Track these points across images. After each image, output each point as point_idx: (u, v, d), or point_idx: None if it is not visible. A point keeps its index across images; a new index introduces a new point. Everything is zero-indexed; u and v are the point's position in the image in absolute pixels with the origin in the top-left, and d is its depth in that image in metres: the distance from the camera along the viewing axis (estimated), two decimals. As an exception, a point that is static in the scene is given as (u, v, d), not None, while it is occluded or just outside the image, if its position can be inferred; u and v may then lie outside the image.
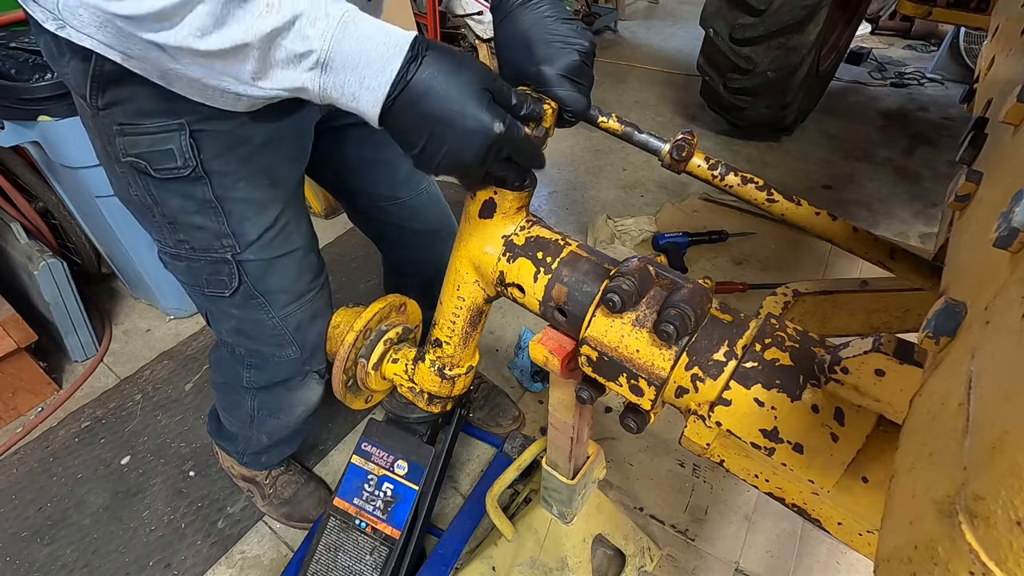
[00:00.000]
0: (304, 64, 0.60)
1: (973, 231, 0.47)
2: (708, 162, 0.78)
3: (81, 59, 0.73)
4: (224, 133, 0.83)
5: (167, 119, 0.79)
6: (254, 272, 0.97)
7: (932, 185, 2.75)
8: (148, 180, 0.84)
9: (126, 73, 0.73)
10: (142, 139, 0.80)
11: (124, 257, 1.85)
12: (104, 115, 0.79)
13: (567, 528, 1.16)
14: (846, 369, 0.54)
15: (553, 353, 0.76)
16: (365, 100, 0.62)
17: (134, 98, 0.77)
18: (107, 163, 0.86)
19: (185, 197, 0.86)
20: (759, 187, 0.76)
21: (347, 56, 0.60)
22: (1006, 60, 0.75)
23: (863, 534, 0.63)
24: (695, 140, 0.77)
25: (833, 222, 0.75)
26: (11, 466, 1.58)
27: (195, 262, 0.94)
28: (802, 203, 0.76)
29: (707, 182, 0.78)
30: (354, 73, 0.60)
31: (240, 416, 1.24)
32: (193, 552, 1.41)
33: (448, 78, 0.61)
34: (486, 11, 3.39)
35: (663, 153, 0.78)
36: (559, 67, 0.69)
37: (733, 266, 2.27)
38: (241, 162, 0.87)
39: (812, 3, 2.37)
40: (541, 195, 2.66)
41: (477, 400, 1.65)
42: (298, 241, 1.01)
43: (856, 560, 1.38)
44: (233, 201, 0.89)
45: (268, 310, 1.01)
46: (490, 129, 0.61)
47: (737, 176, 0.77)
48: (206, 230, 0.90)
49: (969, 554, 0.23)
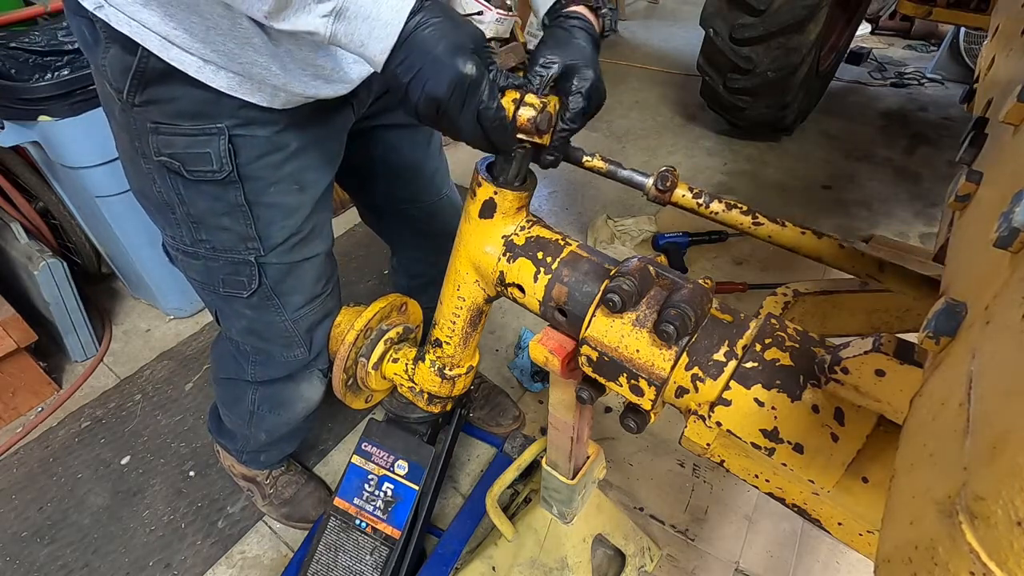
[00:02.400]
0: (320, 9, 0.62)
1: (973, 231, 0.47)
2: (692, 191, 0.79)
3: (123, 50, 0.74)
4: (262, 139, 0.84)
5: (207, 123, 0.79)
6: (274, 275, 0.97)
7: (932, 185, 2.74)
8: (178, 180, 0.84)
9: (169, 72, 0.74)
10: (178, 140, 0.80)
11: (124, 257, 1.85)
12: (139, 112, 0.79)
13: (567, 528, 1.16)
14: (846, 369, 0.54)
15: (553, 353, 0.76)
16: (373, 48, 0.65)
17: (175, 99, 0.77)
18: (130, 157, 0.86)
19: (215, 199, 0.86)
20: (743, 212, 0.77)
21: (360, 7, 0.62)
22: (1006, 60, 0.75)
23: (863, 534, 0.63)
24: (676, 172, 0.79)
25: (819, 240, 0.76)
26: (11, 466, 1.58)
27: (213, 261, 0.94)
28: (787, 225, 0.76)
29: (692, 211, 0.79)
30: (365, 23, 0.63)
31: (240, 412, 1.24)
32: (193, 552, 1.41)
33: (444, 30, 0.65)
34: (486, 11, 3.39)
35: (647, 187, 0.80)
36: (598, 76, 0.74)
37: (733, 266, 2.27)
38: (275, 168, 0.87)
39: (812, 3, 2.37)
40: (541, 195, 2.66)
41: (478, 400, 1.66)
42: (320, 247, 1.02)
43: (856, 560, 1.38)
44: (263, 206, 0.89)
45: (282, 312, 1.02)
46: (461, 68, 0.65)
47: (721, 203, 0.78)
48: (232, 232, 0.90)
49: (969, 554, 0.23)
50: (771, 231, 0.76)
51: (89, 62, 0.81)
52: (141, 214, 1.68)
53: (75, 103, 1.46)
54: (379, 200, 1.26)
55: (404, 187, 1.21)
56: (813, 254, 0.76)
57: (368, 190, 1.24)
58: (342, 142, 1.00)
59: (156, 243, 1.75)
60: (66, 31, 1.51)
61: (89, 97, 1.47)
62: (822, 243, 0.75)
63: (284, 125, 0.85)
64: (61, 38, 1.50)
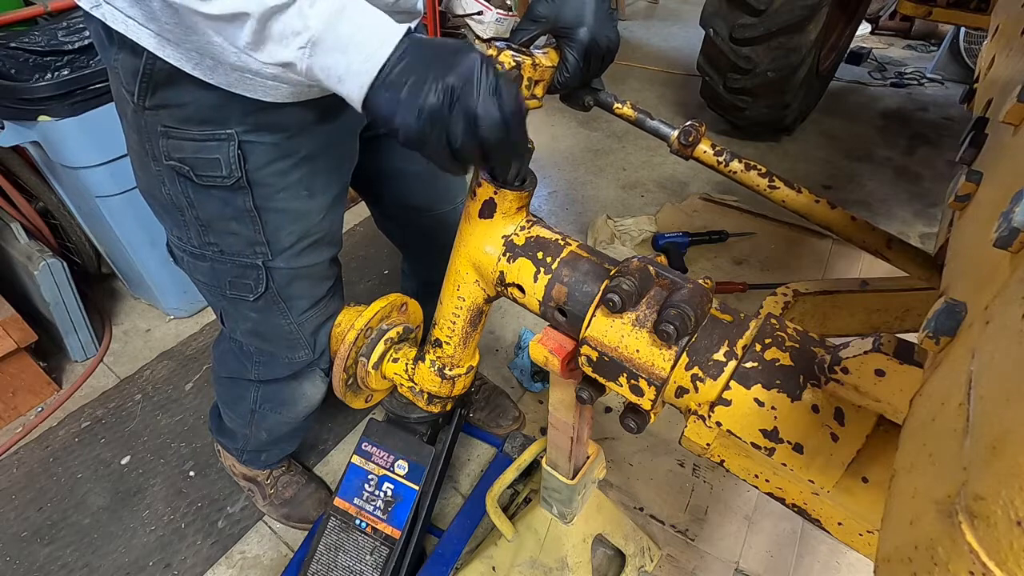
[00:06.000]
0: (296, 42, 0.60)
1: (973, 231, 0.47)
2: (714, 148, 0.80)
3: (131, 53, 0.74)
4: (271, 145, 0.84)
5: (216, 128, 0.79)
6: (281, 279, 0.97)
7: (932, 185, 2.74)
8: (187, 184, 0.84)
9: (175, 75, 0.74)
10: (188, 144, 0.80)
11: (124, 257, 1.85)
12: (150, 115, 0.79)
13: (567, 528, 1.16)
14: (846, 369, 0.54)
15: (553, 353, 0.76)
16: (350, 84, 0.63)
17: (184, 104, 0.77)
18: (141, 159, 0.86)
19: (224, 204, 0.86)
20: (761, 174, 0.78)
21: (338, 39, 0.61)
22: (1006, 60, 0.75)
23: (863, 534, 0.63)
24: (703, 128, 0.80)
25: (832, 210, 0.76)
26: (11, 466, 1.58)
27: (220, 264, 0.94)
28: (802, 191, 0.77)
29: (713, 167, 0.81)
30: (343, 57, 0.61)
31: (241, 411, 1.24)
32: (193, 552, 1.41)
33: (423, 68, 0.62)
34: (486, 11, 3.39)
35: (672, 139, 0.81)
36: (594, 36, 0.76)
37: (733, 266, 2.27)
38: (284, 174, 0.87)
39: (812, 3, 2.37)
40: (541, 195, 2.66)
41: (478, 401, 1.65)
42: (328, 252, 1.02)
43: (856, 560, 1.38)
44: (272, 211, 0.89)
45: (288, 315, 1.02)
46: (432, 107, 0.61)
47: (741, 163, 0.79)
48: (240, 236, 0.90)
49: (969, 554, 0.23)
50: (785, 195, 0.77)
51: (104, 63, 0.81)
52: (141, 214, 1.68)
53: (75, 103, 1.46)
54: (393, 207, 1.25)
55: (418, 195, 1.20)
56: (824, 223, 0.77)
57: (382, 197, 1.23)
58: (354, 147, 1.00)
59: (156, 243, 1.77)
60: (66, 31, 1.51)
61: (89, 97, 1.47)
62: (834, 213, 0.76)
63: (294, 131, 0.85)
64: (61, 38, 1.49)
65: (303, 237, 0.95)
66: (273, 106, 0.80)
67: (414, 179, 1.17)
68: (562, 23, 0.76)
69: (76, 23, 1.54)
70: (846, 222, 0.76)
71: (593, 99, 0.89)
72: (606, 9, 0.77)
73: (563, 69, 0.79)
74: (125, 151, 0.91)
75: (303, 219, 0.93)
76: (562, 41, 0.79)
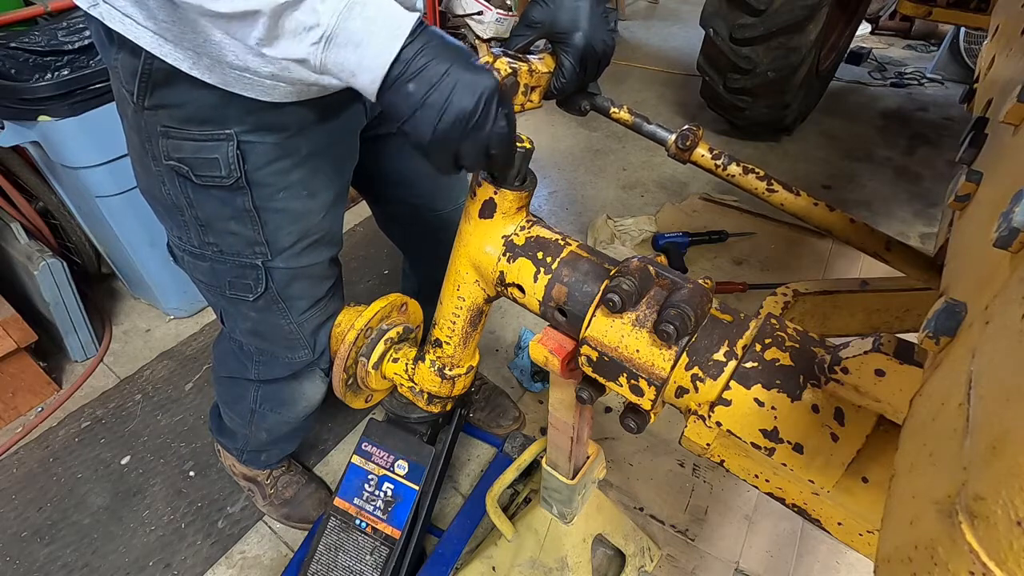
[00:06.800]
0: (309, 37, 0.61)
1: (973, 231, 0.47)
2: (712, 152, 0.79)
3: (130, 53, 0.74)
4: (271, 145, 0.84)
5: (215, 128, 0.79)
6: (281, 279, 0.97)
7: (932, 185, 2.74)
8: (187, 184, 0.84)
9: (173, 74, 0.74)
10: (187, 144, 0.80)
11: (124, 257, 1.85)
12: (149, 115, 0.79)
13: (567, 528, 1.16)
14: (846, 369, 0.54)
15: (553, 353, 0.76)
16: (363, 78, 0.63)
17: (183, 104, 0.77)
18: (140, 158, 0.86)
19: (223, 204, 0.86)
20: (759, 177, 0.78)
21: (351, 34, 0.61)
22: (1006, 60, 0.75)
23: (863, 534, 0.63)
24: (700, 131, 0.80)
25: (830, 213, 0.76)
26: (11, 466, 1.58)
27: (220, 264, 0.94)
28: (801, 194, 0.77)
29: (710, 171, 0.80)
30: (355, 51, 0.61)
31: (241, 411, 1.24)
32: (193, 552, 1.41)
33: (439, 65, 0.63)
34: (486, 11, 3.39)
35: (669, 143, 0.81)
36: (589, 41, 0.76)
37: (733, 266, 2.27)
38: (283, 174, 0.87)
39: (812, 3, 2.37)
40: (541, 195, 2.66)
41: (478, 401, 1.65)
42: (328, 252, 1.02)
43: (856, 560, 1.38)
44: (271, 211, 0.89)
45: (287, 315, 1.02)
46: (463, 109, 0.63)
47: (739, 166, 0.78)
48: (240, 236, 0.90)
49: (969, 554, 0.23)
50: (784, 198, 0.77)
51: (105, 63, 0.81)
52: (141, 214, 1.68)
53: (75, 103, 1.46)
54: (394, 208, 1.25)
55: (420, 195, 1.20)
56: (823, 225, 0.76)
57: (383, 197, 1.23)
58: (354, 147, 1.00)
59: (156, 243, 1.77)
60: (66, 31, 1.51)
61: (89, 97, 1.47)
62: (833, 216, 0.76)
63: (293, 131, 0.85)
64: (61, 38, 1.49)
65: (303, 237, 0.95)
66: (273, 106, 0.80)
67: (416, 179, 1.17)
68: (557, 28, 0.76)
69: (76, 23, 1.54)
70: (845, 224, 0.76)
71: (590, 104, 0.89)
72: (601, 13, 0.78)
73: (559, 74, 0.79)
74: (125, 151, 0.91)
75: (303, 219, 0.93)
76: (558, 46, 0.79)
